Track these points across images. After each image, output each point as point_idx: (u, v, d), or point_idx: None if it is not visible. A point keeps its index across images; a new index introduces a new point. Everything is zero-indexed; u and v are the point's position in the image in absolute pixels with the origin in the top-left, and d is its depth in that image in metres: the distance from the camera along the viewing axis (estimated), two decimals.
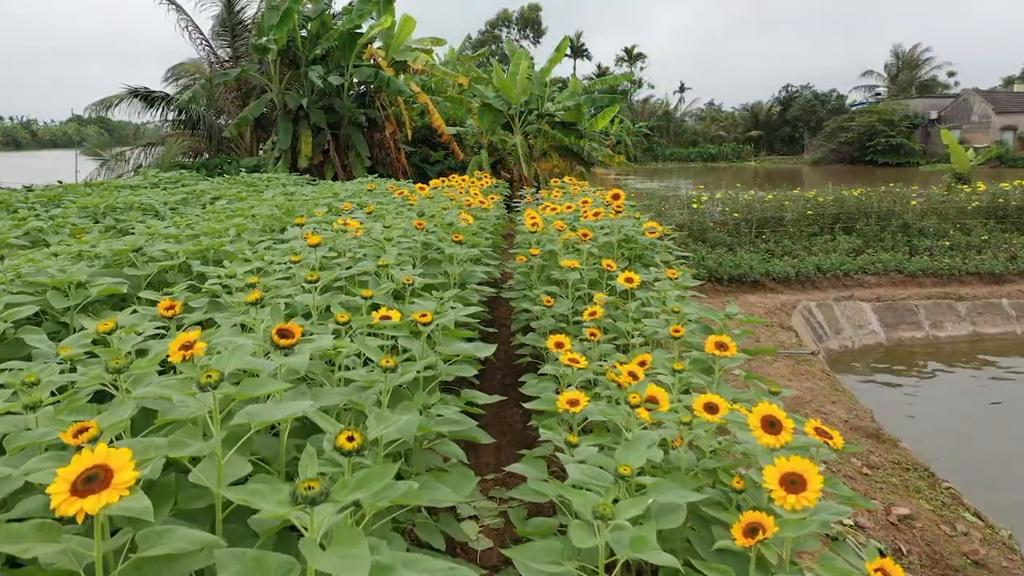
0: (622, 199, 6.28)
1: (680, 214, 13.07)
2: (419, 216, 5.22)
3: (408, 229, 5.14)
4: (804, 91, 70.88)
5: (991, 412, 7.87)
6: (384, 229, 4.62)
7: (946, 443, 6.99)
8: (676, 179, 46.76)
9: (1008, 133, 53.20)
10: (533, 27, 75.58)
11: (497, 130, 17.28)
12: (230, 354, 1.64)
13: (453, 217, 6.08)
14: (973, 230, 12.98)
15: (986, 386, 8.63)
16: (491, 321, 7.69)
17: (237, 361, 1.61)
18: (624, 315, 4.74)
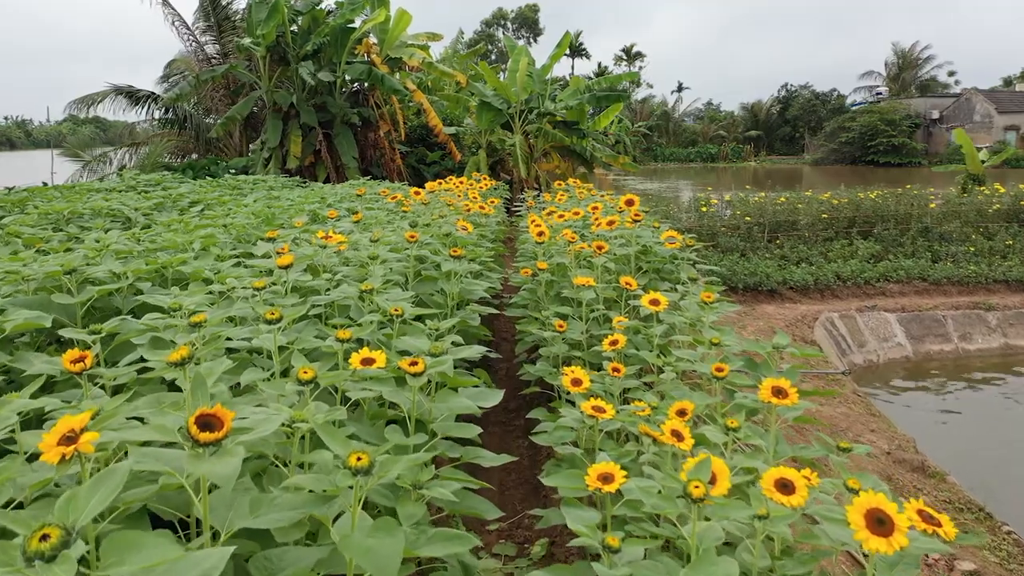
0: (637, 205, 5.65)
1: (689, 217, 12.46)
2: (412, 226, 4.60)
3: (400, 242, 4.51)
4: (804, 91, 70.32)
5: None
6: (371, 244, 3.99)
7: (989, 471, 6.38)
8: (676, 180, 46.19)
9: (1011, 133, 52.67)
10: (530, 26, 74.91)
11: (496, 129, 16.66)
12: (92, 486, 1.00)
13: (450, 226, 5.45)
14: (996, 234, 12.38)
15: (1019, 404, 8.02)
16: (491, 339, 7.07)
17: (101, 502, 0.98)
18: (648, 341, 4.13)
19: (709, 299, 3.68)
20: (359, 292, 3.16)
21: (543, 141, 15.96)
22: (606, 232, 5.39)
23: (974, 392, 8.29)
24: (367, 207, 7.24)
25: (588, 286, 4.33)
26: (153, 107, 16.92)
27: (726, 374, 3.01)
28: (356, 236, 4.59)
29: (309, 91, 14.79)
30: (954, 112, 57.17)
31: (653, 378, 3.48)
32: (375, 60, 14.64)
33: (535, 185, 16.52)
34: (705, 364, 3.21)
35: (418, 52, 15.13)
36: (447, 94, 17.84)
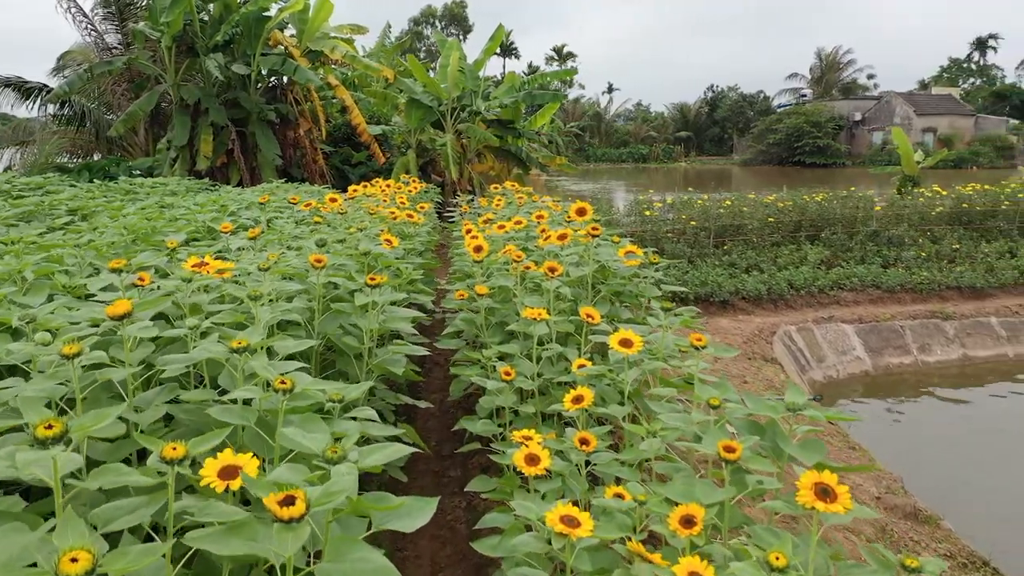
0: (590, 214, 4.84)
1: (631, 222, 11.77)
2: (320, 246, 3.67)
3: (305, 266, 3.58)
4: (731, 92, 71.34)
5: (1001, 456, 6.76)
6: (262, 272, 3.06)
7: (978, 506, 5.81)
8: (609, 180, 45.98)
9: (929, 134, 54.37)
10: (460, 23, 73.91)
11: (427, 128, 15.69)
12: None
13: (370, 241, 4.52)
14: (943, 238, 12.09)
15: (988, 422, 7.55)
16: (420, 377, 6.18)
17: None
18: (617, 390, 3.32)
19: (701, 342, 2.88)
20: (229, 350, 2.23)
21: (477, 141, 15.07)
22: (556, 248, 4.56)
23: (942, 411, 7.79)
24: (276, 216, 6.24)
25: (539, 319, 3.48)
26: (46, 102, 15.33)
27: (739, 456, 2.21)
28: (249, 260, 3.65)
29: (220, 86, 13.54)
30: (875, 114, 58.76)
31: (638, 457, 2.65)
32: (293, 52, 13.49)
33: (469, 187, 15.64)
34: (706, 438, 2.42)
35: (341, 45, 14.03)
36: (374, 90, 16.77)
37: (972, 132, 55.81)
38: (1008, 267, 10.71)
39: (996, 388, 8.43)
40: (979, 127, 56.58)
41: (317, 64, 14.82)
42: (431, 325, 7.23)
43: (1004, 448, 6.88)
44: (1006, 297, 10.12)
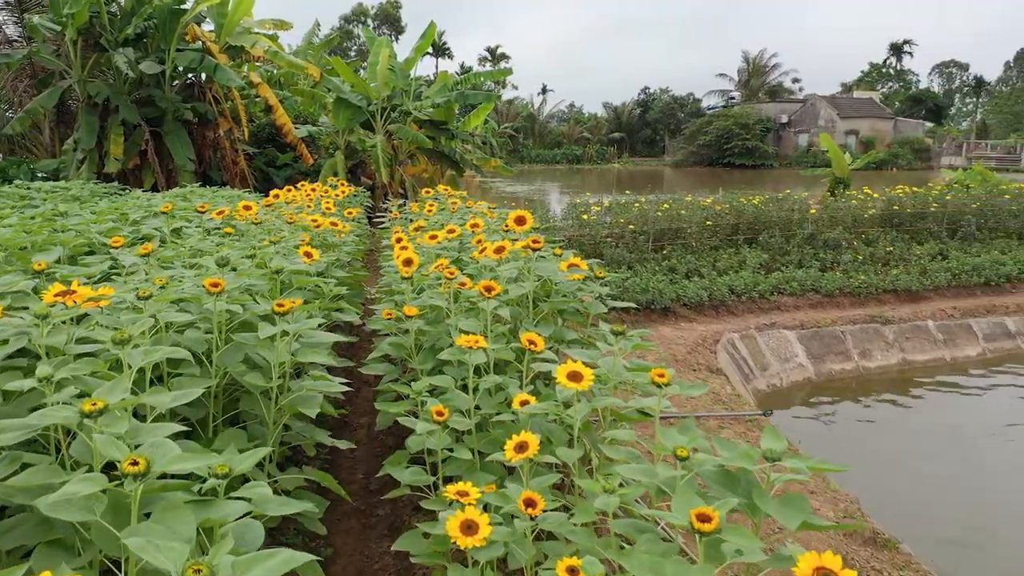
0: (530, 223, 4.44)
1: (569, 226, 11.44)
2: (221, 265, 3.16)
3: (198, 289, 3.07)
4: (663, 94, 72.23)
5: (946, 462, 6.65)
6: (141, 301, 2.54)
7: (934, 524, 5.65)
8: (544, 181, 45.87)
9: (851, 136, 56.01)
10: (392, 23, 72.86)
11: (356, 129, 15.06)
12: None
13: (283, 258, 4.02)
14: (876, 240, 12.14)
15: (931, 428, 7.46)
16: (343, 408, 5.68)
17: None
18: (564, 429, 2.95)
19: (663, 378, 2.50)
20: (80, 413, 1.74)
21: (408, 142, 14.53)
22: (493, 262, 4.14)
23: (885, 419, 7.67)
24: (184, 226, 5.64)
25: (476, 347, 3.07)
26: None
27: (716, 527, 1.83)
28: (138, 282, 3.11)
29: (132, 83, 12.67)
30: (801, 116, 60.26)
31: (586, 514, 2.26)
32: (211, 48, 12.72)
33: (400, 190, 15.10)
34: (675, 501, 2.05)
35: (263, 40, 13.31)
36: (301, 89, 16.05)
37: (892, 135, 57.75)
38: (940, 269, 10.77)
39: (935, 392, 8.38)
40: (898, 130, 58.59)
41: (238, 60, 14.06)
42: (359, 342, 6.73)
43: (948, 453, 6.77)
44: (940, 300, 10.16)
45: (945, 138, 59.77)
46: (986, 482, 6.28)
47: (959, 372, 8.89)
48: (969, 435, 7.26)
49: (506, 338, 3.59)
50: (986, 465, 6.61)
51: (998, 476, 6.38)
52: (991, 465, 6.61)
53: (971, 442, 7.11)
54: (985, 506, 5.87)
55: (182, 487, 1.70)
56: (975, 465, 6.63)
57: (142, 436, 1.78)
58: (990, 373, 8.90)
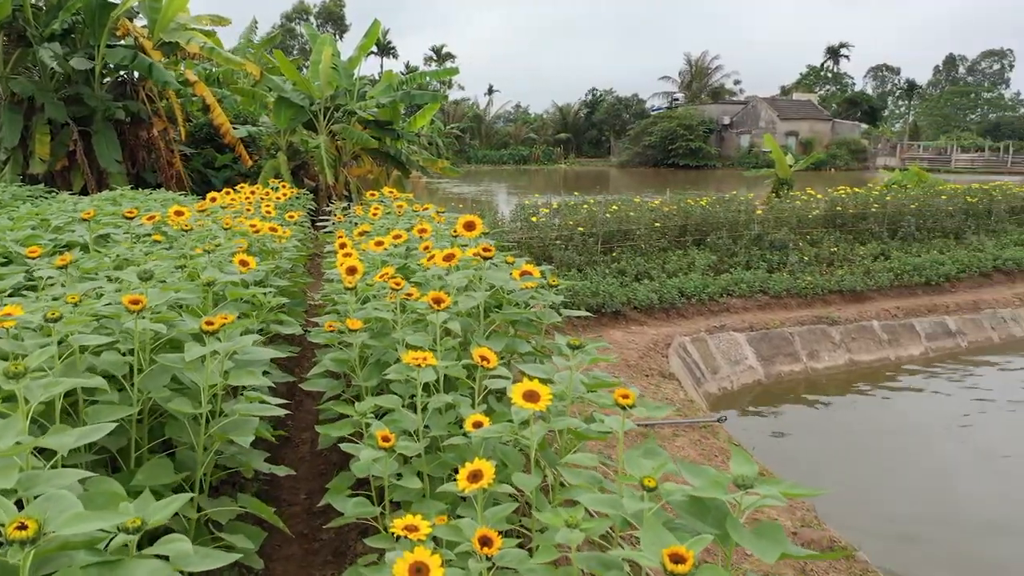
0: (480, 229, 4.26)
1: (517, 228, 11.28)
2: (144, 279, 2.89)
3: (117, 306, 2.80)
4: (608, 95, 72.78)
5: (897, 460, 6.70)
6: (49, 322, 2.27)
7: (884, 523, 5.64)
8: (491, 182, 45.74)
9: (791, 138, 57.27)
10: (336, 22, 71.85)
11: (298, 129, 14.64)
12: None
13: (216, 269, 3.75)
14: (821, 241, 12.29)
15: (879, 426, 7.52)
16: (282, 429, 5.41)
17: None
18: (521, 451, 2.78)
19: (627, 400, 2.34)
20: None
21: (353, 143, 14.19)
22: (442, 271, 3.94)
23: (835, 419, 7.70)
24: (111, 233, 5.30)
25: (425, 365, 2.87)
26: None
27: (690, 569, 1.68)
28: (41, 303, 2.83)
29: (59, 80, 12.07)
30: (743, 118, 61.36)
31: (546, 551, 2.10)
32: (144, 44, 12.19)
33: (345, 192, 14.74)
34: (644, 537, 1.90)
35: (198, 37, 12.82)
36: (241, 88, 15.54)
37: (830, 136, 59.23)
38: (883, 269, 10.94)
39: (882, 392, 8.47)
40: (835, 131, 60.12)
41: (173, 58, 13.52)
42: (303, 352, 6.45)
43: (899, 451, 6.82)
44: (884, 300, 10.30)
45: (880, 139, 61.60)
46: (939, 479, 6.33)
47: (904, 371, 9.02)
48: (919, 433, 7.33)
49: (457, 353, 3.40)
50: (939, 462, 6.67)
51: (950, 474, 6.44)
52: (944, 462, 6.67)
53: (922, 440, 7.19)
54: (938, 503, 5.90)
55: (85, 545, 1.48)
56: (928, 462, 6.69)
57: (40, 485, 1.54)
58: (933, 371, 9.05)
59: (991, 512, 5.83)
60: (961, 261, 11.49)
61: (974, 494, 6.10)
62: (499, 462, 2.72)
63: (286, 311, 5.50)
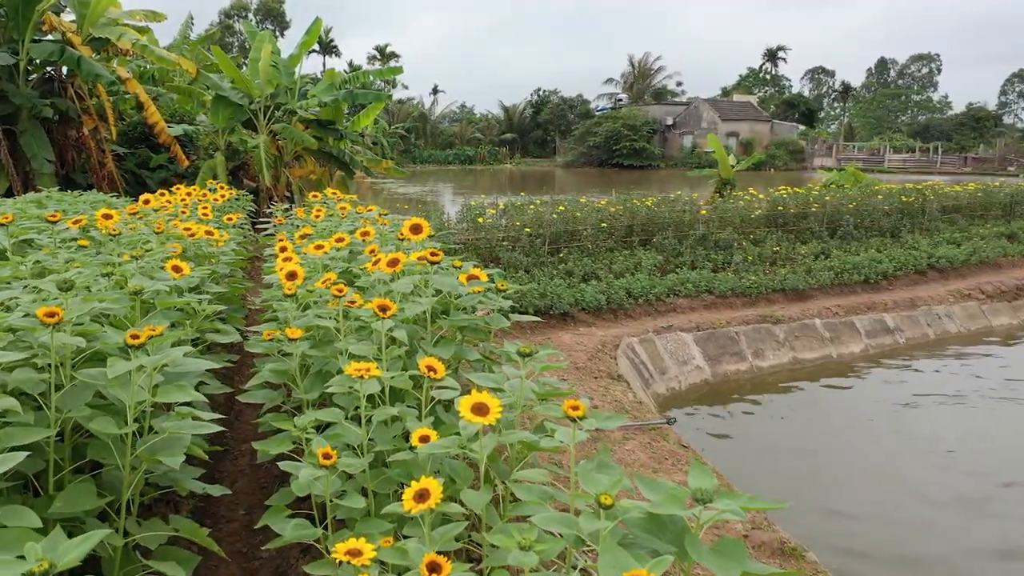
0: (427, 232, 4.13)
1: (464, 229, 11.16)
2: (62, 289, 2.69)
3: (30, 319, 2.60)
4: (553, 96, 73.10)
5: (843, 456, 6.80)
6: None
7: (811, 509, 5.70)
8: (436, 182, 45.49)
9: (732, 139, 58.36)
10: (276, 19, 70.60)
11: (237, 128, 14.25)
12: None
13: (144, 277, 3.55)
14: (763, 240, 12.46)
15: (821, 424, 7.63)
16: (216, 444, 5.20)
17: None
18: (469, 468, 2.67)
19: (578, 411, 2.25)
20: None
21: (294, 143, 13.87)
22: (387, 276, 3.80)
23: (780, 417, 7.78)
24: (33, 239, 5.01)
25: (368, 376, 2.74)
26: None
27: None
28: None
29: None
30: (685, 119, 62.29)
31: None
32: (72, 39, 11.69)
33: (287, 193, 14.41)
34: (601, 560, 1.81)
35: (131, 33, 12.34)
36: (177, 86, 15.05)
37: (769, 137, 60.55)
38: (824, 268, 11.14)
39: (825, 389, 8.60)
40: (774, 132, 61.49)
41: (104, 54, 13.01)
42: (242, 359, 6.22)
43: (840, 447, 6.92)
44: (825, 298, 10.49)
45: (817, 140, 63.22)
46: (880, 473, 6.42)
47: (845, 368, 9.18)
48: (860, 429, 7.45)
49: (403, 362, 3.27)
50: (880, 457, 6.78)
51: (892, 468, 6.54)
52: (885, 457, 6.78)
53: (864, 436, 7.31)
54: (880, 498, 5.99)
55: None
56: (870, 458, 6.80)
57: None
58: (873, 368, 9.23)
59: (930, 504, 5.94)
60: (898, 259, 11.78)
61: (915, 487, 6.21)
62: (447, 478, 2.61)
63: (224, 318, 5.29)
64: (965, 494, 6.11)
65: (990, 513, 5.88)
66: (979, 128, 68.00)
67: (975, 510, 5.91)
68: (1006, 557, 5.26)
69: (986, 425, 7.62)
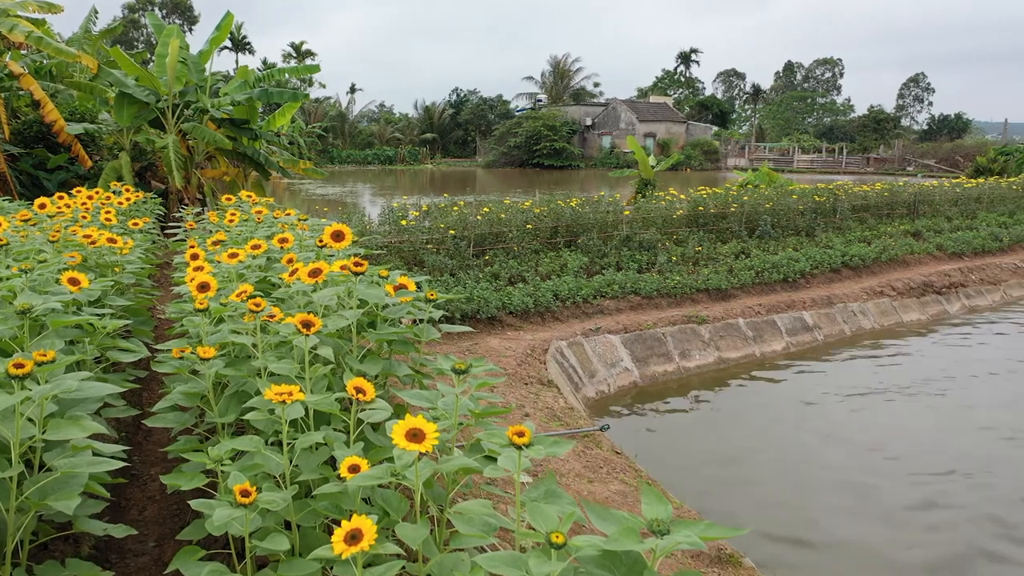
0: (349, 239, 3.90)
1: (387, 232, 10.87)
2: None
3: None
4: (472, 96, 72.88)
5: (772, 453, 6.87)
6: None
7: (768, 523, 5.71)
8: (356, 183, 44.69)
9: (650, 139, 59.43)
10: (183, 13, 68.12)
11: (144, 128, 13.52)
12: None
13: (33, 295, 3.20)
14: (686, 241, 12.60)
15: (745, 421, 7.71)
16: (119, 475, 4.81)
17: None
18: (403, 498, 2.48)
19: (523, 438, 2.08)
20: None
21: (206, 143, 13.25)
22: (307, 286, 3.55)
23: (708, 415, 7.82)
24: None
25: (291, 399, 2.51)
26: None
27: None
28: None
29: None
30: (604, 119, 63.06)
31: None
32: None
33: (198, 196, 13.77)
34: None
35: (24, 25, 11.54)
36: (79, 82, 14.16)
37: (685, 138, 61.92)
38: (745, 268, 11.33)
39: (749, 387, 8.71)
40: (690, 133, 62.93)
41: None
42: (151, 376, 5.82)
43: (765, 446, 6.99)
44: (747, 297, 10.66)
45: (730, 141, 65.00)
46: (804, 470, 6.51)
47: (769, 366, 9.33)
48: (783, 425, 7.56)
49: (328, 380, 3.04)
50: (804, 454, 6.87)
51: (814, 463, 6.63)
52: (808, 453, 6.88)
53: (788, 433, 7.41)
54: (804, 492, 6.05)
55: None
56: (794, 454, 6.88)
57: None
58: (794, 365, 9.42)
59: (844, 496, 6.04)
60: (814, 258, 12.09)
61: (835, 481, 6.31)
62: (380, 510, 2.41)
63: (130, 332, 4.93)
64: (883, 484, 6.24)
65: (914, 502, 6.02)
66: (879, 130, 71.21)
67: (895, 498, 6.04)
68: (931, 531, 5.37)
69: (905, 418, 7.85)
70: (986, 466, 6.62)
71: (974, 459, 6.77)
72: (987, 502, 5.95)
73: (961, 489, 6.23)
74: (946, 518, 5.76)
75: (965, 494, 6.13)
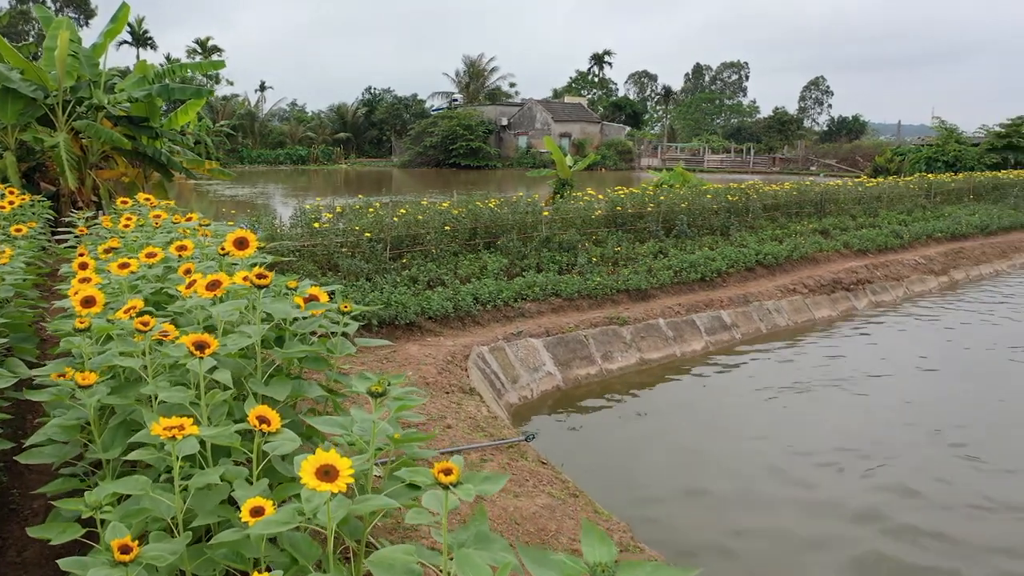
0: (253, 248, 3.57)
1: (299, 235, 10.42)
2: None
3: None
4: (387, 94, 71.94)
5: (699, 455, 6.85)
6: None
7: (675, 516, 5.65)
8: (267, 184, 43.41)
9: (565, 139, 59.92)
10: (79, 6, 64.79)
11: (32, 125, 12.62)
12: None
13: None
14: (605, 241, 12.58)
15: (671, 423, 7.69)
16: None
17: None
18: (315, 543, 2.24)
19: (451, 476, 1.85)
20: None
21: (101, 142, 12.46)
22: (205, 300, 3.22)
23: (633, 418, 7.75)
24: None
25: (183, 434, 2.21)
26: None
27: None
28: None
29: None
30: (520, 119, 63.26)
31: None
32: None
33: (94, 198, 12.94)
34: None
35: None
36: None
37: (600, 138, 62.74)
38: (664, 267, 11.38)
39: (670, 387, 8.71)
40: (604, 133, 63.80)
41: None
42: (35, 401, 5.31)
43: (692, 448, 6.96)
44: (666, 297, 10.69)
45: (643, 141, 66.25)
46: (734, 472, 6.50)
47: (690, 366, 9.37)
48: (710, 424, 7.57)
49: (228, 406, 2.74)
50: (733, 449, 6.87)
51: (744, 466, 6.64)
52: (737, 449, 6.88)
53: (713, 430, 7.42)
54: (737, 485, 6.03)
55: None
56: (721, 450, 6.88)
57: None
58: (714, 364, 9.49)
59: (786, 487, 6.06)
60: (730, 257, 12.26)
61: (767, 485, 6.32)
62: (287, 557, 2.14)
63: (10, 351, 4.46)
64: (808, 475, 6.28)
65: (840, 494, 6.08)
66: (784, 131, 73.93)
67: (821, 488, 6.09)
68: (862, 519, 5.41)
69: (822, 411, 7.99)
70: (887, 450, 6.86)
71: (884, 445, 6.98)
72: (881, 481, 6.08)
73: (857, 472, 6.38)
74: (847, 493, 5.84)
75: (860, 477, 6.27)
